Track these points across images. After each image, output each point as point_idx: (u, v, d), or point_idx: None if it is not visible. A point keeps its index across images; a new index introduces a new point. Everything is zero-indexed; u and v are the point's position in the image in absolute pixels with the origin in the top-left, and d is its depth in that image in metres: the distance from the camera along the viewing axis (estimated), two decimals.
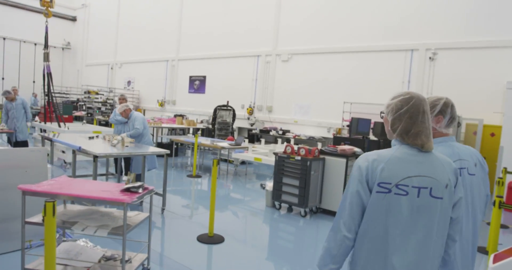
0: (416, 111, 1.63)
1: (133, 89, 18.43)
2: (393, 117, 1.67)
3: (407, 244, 1.57)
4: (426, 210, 1.59)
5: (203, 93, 15.34)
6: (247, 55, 13.61)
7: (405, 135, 1.64)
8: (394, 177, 1.58)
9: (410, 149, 1.64)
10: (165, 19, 16.74)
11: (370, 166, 1.61)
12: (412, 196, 1.57)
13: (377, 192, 1.59)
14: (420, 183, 1.58)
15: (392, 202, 1.57)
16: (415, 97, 1.65)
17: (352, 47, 10.90)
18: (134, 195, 2.97)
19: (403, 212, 1.57)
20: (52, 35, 21.31)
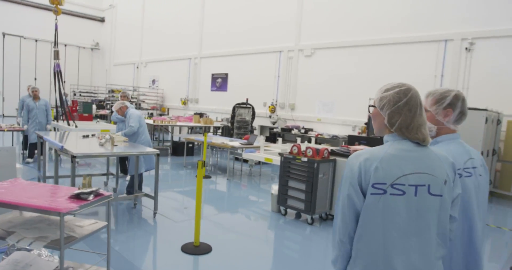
0: (415, 103, 1.52)
1: (157, 88, 18.40)
2: (390, 110, 1.52)
3: (408, 247, 1.45)
4: (425, 209, 1.47)
5: (225, 91, 14.98)
6: (269, 51, 13.09)
7: (405, 129, 1.51)
8: (389, 176, 1.45)
9: (405, 145, 1.51)
10: (188, 17, 16.57)
11: (363, 166, 1.47)
12: (409, 196, 1.46)
13: (371, 194, 1.45)
14: (417, 181, 1.46)
15: (389, 203, 1.45)
16: (412, 88, 1.54)
17: (378, 39, 10.09)
18: (79, 202, 2.53)
19: (401, 214, 1.45)
20: (81, 36, 21.94)
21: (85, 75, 22.28)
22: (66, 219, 2.86)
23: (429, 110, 1.90)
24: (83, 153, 4.15)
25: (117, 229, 4.51)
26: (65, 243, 2.45)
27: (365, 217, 1.47)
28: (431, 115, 1.90)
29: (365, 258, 1.48)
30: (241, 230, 4.85)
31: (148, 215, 5.02)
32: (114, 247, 3.88)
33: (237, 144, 7.77)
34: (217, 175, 8.24)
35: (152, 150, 4.75)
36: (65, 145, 4.52)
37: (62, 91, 8.20)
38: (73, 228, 2.70)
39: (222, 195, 6.87)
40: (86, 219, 2.90)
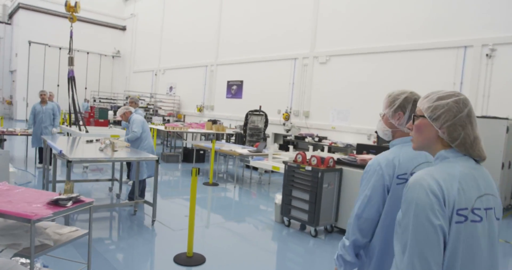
0: (474, 115, 1.31)
1: (174, 95, 18.54)
2: (451, 123, 1.28)
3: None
4: (494, 237, 1.26)
5: (240, 98, 14.92)
6: (284, 58, 12.98)
7: (469, 144, 1.28)
8: (469, 199, 1.21)
9: (469, 162, 1.29)
10: (205, 26, 16.72)
11: (445, 188, 1.18)
12: (485, 222, 1.23)
13: (456, 223, 1.17)
14: (487, 204, 1.25)
15: (469, 233, 1.19)
16: (466, 98, 1.31)
17: (395, 45, 9.81)
18: (56, 209, 2.43)
19: (481, 246, 1.21)
20: (103, 44, 22.46)
21: (106, 82, 22.76)
22: (47, 225, 2.79)
23: (385, 112, 1.83)
24: (79, 158, 4.10)
25: (111, 236, 4.43)
26: (38, 251, 2.36)
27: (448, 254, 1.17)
28: (386, 118, 1.82)
29: None
30: (240, 241, 4.68)
31: (147, 222, 4.93)
32: (105, 254, 3.79)
33: (245, 152, 7.63)
34: (226, 183, 8.11)
35: (151, 156, 4.66)
36: (66, 150, 4.49)
37: (75, 96, 8.27)
38: (51, 236, 2.61)
39: (227, 203, 6.73)
40: (67, 226, 2.80)
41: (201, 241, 4.45)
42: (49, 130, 8.04)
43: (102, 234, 4.45)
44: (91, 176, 7.71)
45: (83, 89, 21.50)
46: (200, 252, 3.95)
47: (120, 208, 5.47)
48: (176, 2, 18.92)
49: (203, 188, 7.42)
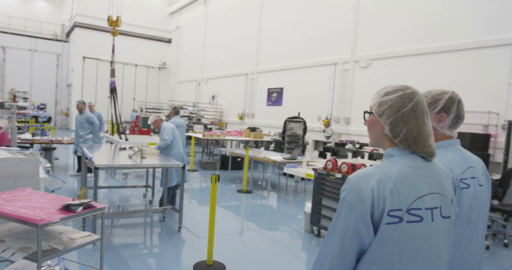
0: (421, 110, 1.26)
1: (216, 103, 18.85)
2: (393, 119, 1.24)
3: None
4: (441, 235, 1.22)
5: (280, 105, 14.83)
6: (324, 64, 12.72)
7: (412, 140, 1.23)
8: (404, 200, 1.15)
9: (415, 161, 1.24)
10: (245, 34, 16.89)
11: (376, 191, 1.14)
12: (426, 222, 1.18)
13: (387, 224, 1.13)
14: (432, 203, 1.21)
15: (405, 233, 1.15)
16: (417, 91, 1.28)
17: (441, 46, 9.24)
18: (66, 214, 2.48)
19: (420, 246, 1.17)
20: (150, 57, 23.44)
21: (153, 92, 23.69)
22: (62, 230, 2.85)
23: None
24: (105, 165, 4.20)
25: (137, 242, 4.48)
26: (47, 255, 2.40)
27: (377, 254, 1.14)
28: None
29: None
30: (264, 250, 4.53)
31: (174, 228, 4.93)
32: (127, 260, 3.82)
33: (280, 159, 7.49)
34: (262, 190, 8.01)
35: (176, 163, 4.68)
36: (97, 157, 4.64)
37: (117, 106, 8.62)
38: (63, 240, 2.65)
39: (258, 211, 6.61)
40: (82, 231, 2.85)
41: (225, 249, 4.37)
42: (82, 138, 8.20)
43: (128, 240, 4.52)
44: (130, 182, 7.95)
45: (132, 100, 22.54)
46: (223, 260, 3.87)
47: (151, 214, 5.55)
48: (218, 14, 19.34)
49: (237, 195, 7.36)
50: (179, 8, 22.95)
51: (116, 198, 6.59)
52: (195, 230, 4.94)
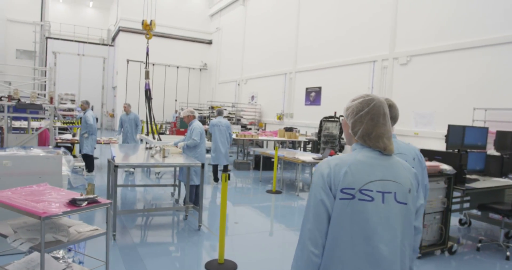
0: (377, 113, 1.55)
1: (256, 104, 18.89)
2: (353, 120, 1.58)
3: (377, 257, 1.42)
4: (393, 217, 1.46)
5: (319, 105, 14.56)
6: (362, 62, 12.33)
7: (366, 137, 1.54)
8: (358, 181, 1.45)
9: (372, 152, 1.54)
10: (284, 34, 16.79)
11: (333, 172, 1.47)
12: (377, 202, 1.45)
13: (340, 199, 1.44)
14: (384, 188, 1.47)
15: (357, 208, 1.44)
16: (376, 99, 1.59)
17: (486, 39, 8.60)
18: (70, 208, 2.55)
19: (370, 221, 1.43)
20: (192, 58, 23.97)
21: (194, 93, 24.21)
22: (71, 223, 2.93)
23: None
24: (125, 163, 4.31)
25: (156, 240, 4.54)
26: (51, 246, 2.49)
27: (335, 223, 1.44)
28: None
29: (336, 266, 1.44)
30: (280, 251, 4.43)
31: (194, 227, 4.96)
32: (143, 257, 3.88)
33: (309, 159, 7.33)
34: (293, 191, 7.87)
35: (194, 162, 4.70)
36: (120, 155, 4.77)
37: (151, 107, 8.86)
38: (70, 233, 2.73)
39: (285, 211, 6.50)
40: (90, 225, 2.92)
41: (243, 248, 4.33)
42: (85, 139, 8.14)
43: (148, 237, 4.60)
44: (163, 181, 8.12)
45: (173, 101, 23.19)
46: (239, 259, 3.83)
47: (177, 213, 5.62)
48: (256, 14, 19.40)
49: (265, 196, 7.30)
50: (219, 10, 23.29)
51: (145, 197, 6.76)
52: (215, 229, 4.93)
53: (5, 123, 6.16)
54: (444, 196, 4.62)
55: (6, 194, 2.83)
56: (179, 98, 23.32)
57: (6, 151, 4.81)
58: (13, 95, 6.29)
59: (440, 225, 4.64)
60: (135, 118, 8.98)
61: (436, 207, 4.55)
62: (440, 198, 4.60)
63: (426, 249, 4.47)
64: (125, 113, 9.14)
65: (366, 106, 1.54)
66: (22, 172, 3.74)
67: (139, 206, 6.09)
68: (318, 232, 1.44)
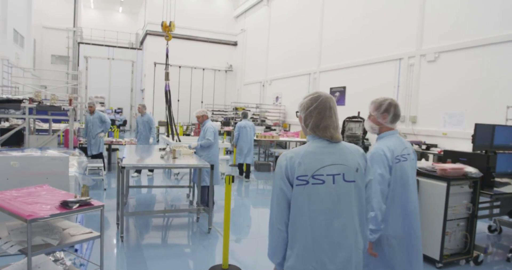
0: (324, 107, 1.81)
1: (280, 105, 18.71)
2: (305, 114, 1.85)
3: (331, 228, 1.73)
4: (343, 194, 1.75)
5: (343, 105, 14.19)
6: (387, 60, 11.90)
7: (316, 129, 1.82)
8: (309, 169, 1.73)
9: (321, 142, 1.81)
10: (308, 33, 16.54)
11: (289, 163, 1.75)
12: (328, 184, 1.74)
13: (296, 185, 1.74)
14: (333, 171, 1.75)
15: (311, 191, 1.73)
16: (323, 95, 1.86)
17: None
18: (61, 210, 2.50)
19: (323, 200, 1.74)
20: (217, 60, 24.10)
21: (220, 95, 24.31)
22: (67, 225, 2.90)
23: (372, 114, 2.62)
24: (132, 165, 4.27)
25: (163, 242, 4.48)
26: (38, 249, 2.44)
27: (294, 205, 1.75)
28: (374, 118, 2.62)
29: (299, 242, 1.73)
30: None
31: (204, 230, 4.87)
32: (147, 260, 3.82)
33: None
34: None
35: (202, 163, 4.60)
36: (130, 157, 4.75)
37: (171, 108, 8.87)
38: (63, 236, 2.69)
39: None
40: (85, 228, 2.87)
41: (250, 252, 4.19)
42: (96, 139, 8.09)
43: (155, 240, 4.55)
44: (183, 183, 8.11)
45: (199, 102, 23.37)
46: (243, 265, 3.69)
47: (190, 215, 5.56)
48: (280, 14, 19.23)
49: None
50: (244, 11, 23.29)
51: (161, 198, 6.75)
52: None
53: (27, 125, 6.33)
54: (469, 201, 4.29)
55: (3, 195, 2.83)
56: (205, 100, 23.49)
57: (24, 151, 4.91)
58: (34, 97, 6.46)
59: (465, 233, 4.30)
60: (148, 120, 8.88)
61: (459, 213, 4.22)
62: (465, 204, 4.26)
63: (448, 258, 4.15)
64: (140, 114, 9.11)
65: (314, 102, 1.82)
66: (30, 173, 3.78)
67: (154, 207, 6.08)
68: (281, 213, 1.77)
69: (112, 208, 5.47)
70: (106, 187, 7.06)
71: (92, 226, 4.51)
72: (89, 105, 8.40)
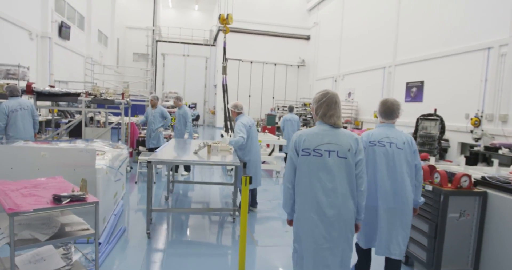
0: (331, 101, 2.50)
1: (352, 101, 17.72)
2: (316, 105, 2.54)
3: (327, 189, 2.39)
4: (336, 166, 2.41)
5: (420, 102, 12.90)
6: (473, 50, 10.45)
7: (324, 116, 2.50)
8: (312, 144, 2.43)
9: (325, 126, 2.49)
10: (383, 24, 15.36)
11: (298, 139, 2.49)
12: (324, 157, 2.41)
13: (301, 155, 2.45)
14: (329, 148, 2.41)
15: (311, 161, 2.42)
16: (330, 92, 2.55)
17: None
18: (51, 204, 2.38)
19: (319, 168, 2.41)
20: (290, 55, 23.71)
21: (291, 90, 23.88)
22: (70, 220, 2.79)
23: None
24: (158, 159, 4.10)
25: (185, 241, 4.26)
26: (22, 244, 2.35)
27: (298, 171, 2.47)
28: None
29: (301, 196, 2.46)
30: None
31: (237, 233, 4.56)
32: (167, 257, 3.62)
33: None
34: None
35: (230, 162, 4.24)
36: (166, 151, 4.63)
37: (227, 103, 8.72)
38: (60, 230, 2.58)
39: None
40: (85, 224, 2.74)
41: (281, 262, 3.78)
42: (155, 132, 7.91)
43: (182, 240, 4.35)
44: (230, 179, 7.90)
45: (271, 98, 23.21)
46: None
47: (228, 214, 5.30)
48: (355, 5, 18.15)
49: None
50: (317, 3, 22.48)
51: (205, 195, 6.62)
52: (260, 237, 4.46)
53: (83, 117, 6.62)
54: None
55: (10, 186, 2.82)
56: (276, 96, 23.25)
57: (71, 143, 5.06)
58: (91, 91, 6.74)
59: None
60: (183, 113, 7.96)
61: None
62: None
63: None
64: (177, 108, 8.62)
65: (324, 97, 2.50)
66: (58, 164, 3.81)
67: (192, 204, 5.95)
68: (289, 175, 2.50)
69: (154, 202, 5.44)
70: (156, 180, 7.14)
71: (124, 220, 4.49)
72: (151, 98, 8.42)
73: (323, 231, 2.34)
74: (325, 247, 2.34)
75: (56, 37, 14.08)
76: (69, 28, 15.27)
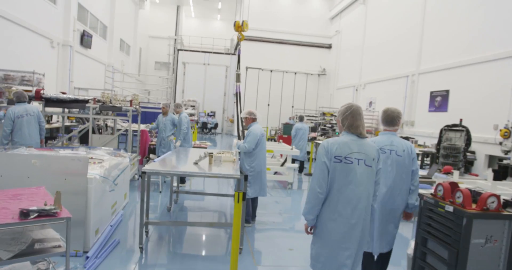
0: (355, 113, 2.72)
1: (373, 110, 17.16)
2: (342, 117, 2.75)
3: (352, 194, 2.60)
4: (363, 173, 2.63)
5: (445, 112, 12.28)
6: (504, 57, 9.84)
7: (350, 127, 2.71)
8: (343, 152, 2.62)
9: (352, 136, 2.70)
10: (406, 31, 14.87)
11: (330, 146, 2.65)
12: (355, 164, 2.62)
13: (334, 162, 2.62)
14: (359, 157, 2.64)
15: (343, 167, 2.61)
16: (354, 105, 2.78)
17: None
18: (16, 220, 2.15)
19: (349, 174, 2.61)
20: (310, 64, 23.38)
21: (312, 99, 23.46)
22: (43, 235, 2.56)
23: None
24: (152, 170, 3.84)
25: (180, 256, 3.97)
26: None
27: (330, 176, 2.62)
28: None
29: (329, 200, 2.64)
30: None
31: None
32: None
33: None
34: None
35: (233, 173, 3.94)
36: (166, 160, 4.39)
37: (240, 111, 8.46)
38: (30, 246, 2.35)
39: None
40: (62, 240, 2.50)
41: None
42: (166, 140, 7.81)
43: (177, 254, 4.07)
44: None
45: (290, 107, 22.87)
46: None
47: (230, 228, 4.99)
48: (377, 12, 17.72)
49: None
50: (339, 11, 22.13)
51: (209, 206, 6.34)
52: (259, 254, 4.12)
53: (90, 124, 6.50)
54: None
55: None
56: (296, 104, 22.89)
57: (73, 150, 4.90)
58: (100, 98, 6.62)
59: None
60: (180, 120, 8.07)
61: None
62: None
63: None
64: (176, 115, 8.42)
65: (349, 109, 2.75)
66: (49, 172, 3.62)
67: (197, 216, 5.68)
68: (322, 180, 2.63)
69: (153, 211, 5.19)
70: (162, 190, 6.92)
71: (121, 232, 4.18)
72: (163, 106, 8.24)
73: (346, 236, 2.58)
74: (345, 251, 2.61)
75: (77, 45, 14.30)
76: (91, 37, 15.52)
